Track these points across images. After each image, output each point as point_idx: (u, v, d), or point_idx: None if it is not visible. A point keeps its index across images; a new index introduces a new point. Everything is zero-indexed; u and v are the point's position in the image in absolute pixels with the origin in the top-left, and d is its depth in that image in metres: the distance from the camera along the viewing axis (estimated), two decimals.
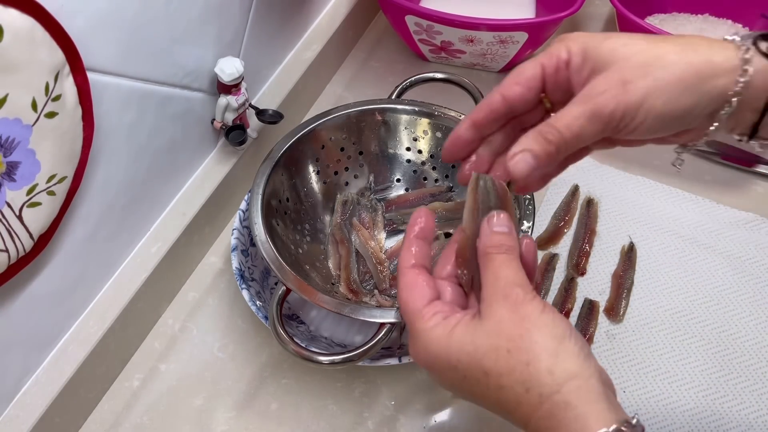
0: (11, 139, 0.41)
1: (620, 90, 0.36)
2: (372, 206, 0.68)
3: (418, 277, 0.39)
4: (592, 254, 0.68)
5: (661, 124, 0.37)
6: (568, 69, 0.39)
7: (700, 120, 0.38)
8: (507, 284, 0.35)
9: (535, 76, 0.40)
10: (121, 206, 0.58)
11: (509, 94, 0.40)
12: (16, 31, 0.39)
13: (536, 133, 0.37)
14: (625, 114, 0.36)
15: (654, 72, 0.36)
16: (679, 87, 0.36)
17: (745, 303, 0.64)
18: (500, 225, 0.38)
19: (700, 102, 0.37)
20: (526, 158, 0.37)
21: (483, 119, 0.41)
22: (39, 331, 0.54)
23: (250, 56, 0.68)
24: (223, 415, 0.60)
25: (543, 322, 0.34)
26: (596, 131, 0.37)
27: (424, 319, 0.37)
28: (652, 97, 0.36)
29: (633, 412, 0.58)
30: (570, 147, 0.38)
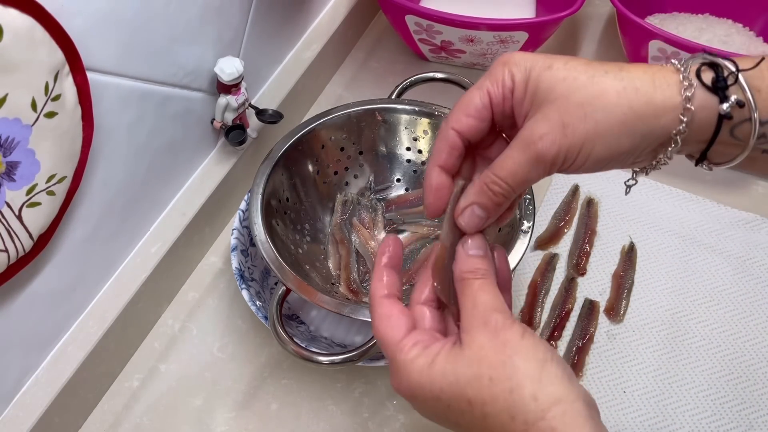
0: (11, 138, 0.41)
1: (560, 134, 0.35)
2: (372, 206, 0.68)
3: (393, 308, 0.38)
4: (593, 254, 0.68)
5: (603, 164, 0.37)
6: (513, 98, 0.38)
7: (644, 156, 0.37)
8: (485, 310, 0.35)
9: (485, 104, 0.39)
10: (121, 206, 0.58)
11: (462, 127, 0.39)
12: (16, 30, 0.39)
13: (481, 185, 0.37)
14: (567, 157, 0.36)
15: (593, 114, 0.35)
16: (619, 130, 0.35)
17: (745, 303, 0.64)
18: (475, 248, 0.38)
19: (641, 143, 0.36)
20: (475, 212, 0.37)
21: (447, 160, 0.40)
22: (39, 331, 0.54)
23: (249, 56, 0.68)
24: (222, 415, 0.59)
25: (524, 347, 0.34)
26: (540, 174, 0.37)
27: (404, 351, 0.36)
28: (592, 141, 0.35)
29: (632, 414, 0.58)
30: (517, 191, 0.37)
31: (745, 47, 0.80)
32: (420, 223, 0.67)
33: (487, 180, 0.37)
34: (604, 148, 0.36)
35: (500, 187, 0.37)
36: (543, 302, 0.65)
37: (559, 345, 0.62)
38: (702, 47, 0.71)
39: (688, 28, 0.82)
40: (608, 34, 0.92)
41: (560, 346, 0.62)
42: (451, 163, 0.39)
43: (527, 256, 0.68)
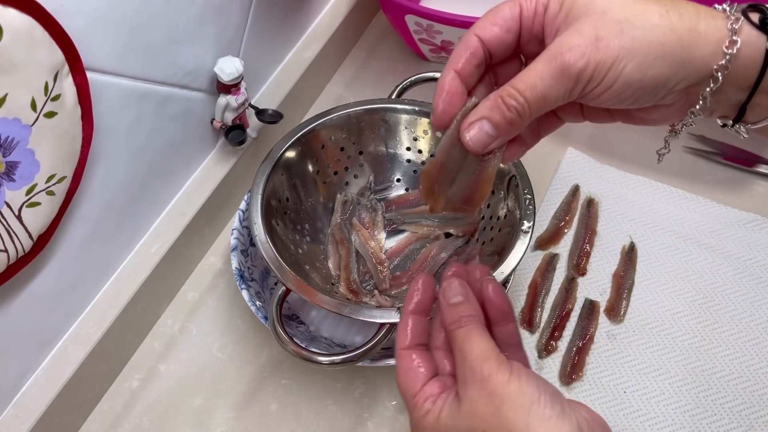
0: (10, 138, 0.41)
1: (592, 47, 0.33)
2: (372, 206, 0.68)
3: (412, 361, 0.38)
4: (593, 254, 0.68)
5: (630, 91, 0.34)
6: (545, 15, 0.35)
7: (675, 95, 0.35)
8: (473, 360, 0.35)
9: (513, 16, 0.36)
10: (121, 206, 0.57)
11: (486, 35, 0.36)
12: (16, 30, 0.39)
13: (496, 98, 0.34)
14: (594, 74, 0.33)
15: (631, 31, 0.33)
16: (656, 52, 0.33)
17: (746, 303, 0.64)
18: (454, 295, 0.38)
19: (677, 73, 0.33)
20: (483, 127, 0.35)
21: (465, 66, 0.36)
22: (38, 331, 0.54)
23: (249, 56, 0.68)
24: (222, 415, 0.59)
25: (509, 395, 0.34)
26: (563, 92, 0.34)
27: (417, 407, 0.37)
28: (625, 59, 0.33)
29: (632, 414, 0.58)
30: (534, 111, 0.34)
31: None
32: (420, 223, 0.67)
33: (504, 93, 0.34)
34: (637, 68, 0.33)
35: (516, 101, 0.34)
36: (543, 302, 0.65)
37: (559, 345, 0.62)
38: None
39: None
40: None
41: (560, 346, 0.62)
42: (468, 71, 0.37)
43: (527, 256, 0.68)
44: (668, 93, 0.34)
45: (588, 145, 0.77)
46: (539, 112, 0.34)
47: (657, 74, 0.33)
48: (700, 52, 0.33)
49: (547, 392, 0.34)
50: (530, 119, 0.35)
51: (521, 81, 0.34)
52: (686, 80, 0.34)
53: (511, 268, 0.54)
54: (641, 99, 0.34)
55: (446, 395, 0.36)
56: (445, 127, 0.37)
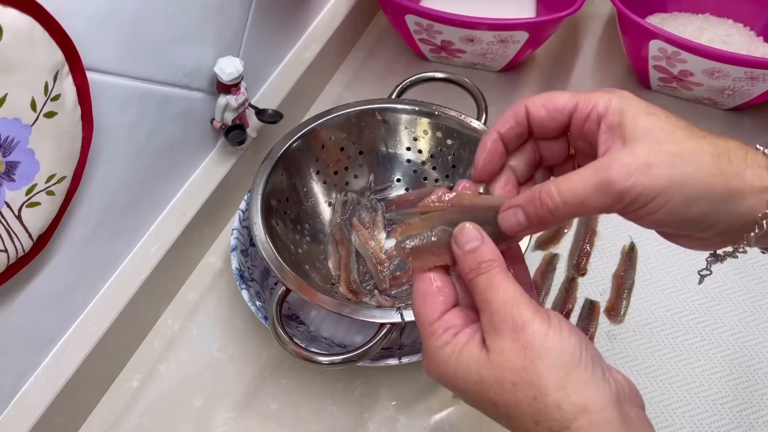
0: (10, 138, 0.41)
1: (642, 171, 0.33)
2: (372, 206, 0.68)
3: (432, 284, 0.36)
4: (593, 254, 0.68)
5: (672, 221, 0.34)
6: (598, 126, 0.36)
7: (713, 233, 0.35)
8: (501, 307, 0.33)
9: (565, 109, 0.37)
10: (121, 206, 0.57)
11: (533, 112, 0.37)
12: (16, 30, 0.39)
13: (534, 192, 0.35)
14: (639, 197, 0.33)
15: (683, 166, 0.33)
16: (704, 189, 0.33)
17: (746, 303, 0.64)
18: (468, 242, 0.36)
19: (719, 214, 0.34)
20: (517, 216, 0.35)
21: (507, 132, 0.38)
22: (38, 332, 0.54)
23: (249, 56, 0.68)
24: (222, 415, 0.59)
25: (547, 350, 0.32)
26: (601, 205, 0.34)
27: (435, 336, 0.35)
28: (673, 190, 0.33)
29: None
30: (568, 214, 0.35)
31: (746, 47, 0.80)
32: None
33: (543, 189, 0.35)
34: (682, 202, 0.33)
35: (552, 200, 0.34)
36: (543, 302, 0.65)
37: None
38: (704, 47, 0.71)
39: (688, 28, 0.82)
40: (608, 34, 0.92)
41: None
42: (510, 137, 0.38)
43: (527, 256, 0.68)
44: (707, 228, 0.35)
45: None
46: (573, 215, 0.35)
47: (701, 211, 0.34)
48: (745, 200, 0.34)
49: (589, 351, 0.32)
50: (564, 219, 0.35)
51: (563, 181, 0.34)
52: (728, 221, 0.35)
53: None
54: (681, 228, 0.35)
55: (470, 332, 0.34)
56: (484, 181, 0.40)
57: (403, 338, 0.61)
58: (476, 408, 0.35)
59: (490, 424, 0.58)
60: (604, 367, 0.33)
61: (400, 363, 0.55)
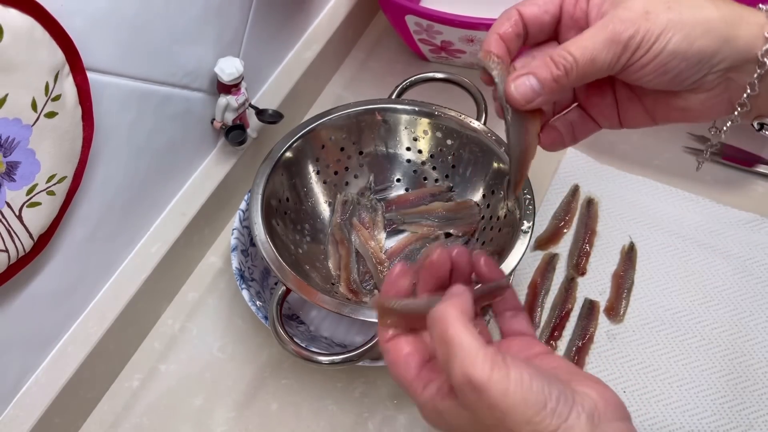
0: (11, 138, 0.41)
1: (642, 17, 0.35)
2: (372, 206, 0.68)
3: (399, 351, 0.37)
4: (593, 254, 0.68)
5: (675, 62, 0.35)
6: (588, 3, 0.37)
7: (716, 76, 0.36)
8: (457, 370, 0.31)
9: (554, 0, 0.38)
10: (121, 206, 0.58)
11: (526, 11, 0.39)
12: (16, 30, 0.39)
13: (545, 57, 0.36)
14: (642, 42, 0.35)
15: (678, 7, 0.35)
16: (702, 26, 0.35)
17: (745, 303, 0.64)
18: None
19: (721, 49, 0.35)
20: (529, 81, 0.36)
21: (506, 32, 0.39)
22: (39, 331, 0.54)
23: (250, 56, 0.68)
24: (222, 415, 0.59)
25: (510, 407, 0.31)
26: (611, 58, 0.35)
27: (417, 394, 0.36)
28: (672, 29, 0.35)
29: (632, 414, 0.58)
30: (581, 72, 0.36)
31: None
32: (420, 223, 0.67)
33: (555, 52, 0.36)
34: (684, 39, 0.35)
35: (565, 59, 0.35)
36: (543, 302, 0.65)
37: (558, 345, 0.62)
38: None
39: None
40: None
41: (560, 346, 0.62)
42: (510, 37, 0.39)
43: (527, 256, 0.68)
44: (710, 71, 0.36)
45: (588, 145, 0.77)
46: (585, 76, 0.36)
47: (703, 47, 0.35)
48: (743, 33, 0.35)
49: (552, 394, 0.31)
50: (575, 81, 0.36)
51: (572, 43, 0.36)
52: (729, 59, 0.36)
53: (510, 268, 0.54)
54: (683, 73, 0.36)
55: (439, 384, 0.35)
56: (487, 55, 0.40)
57: None
58: None
59: None
60: (574, 393, 0.32)
61: None
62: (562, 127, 0.43)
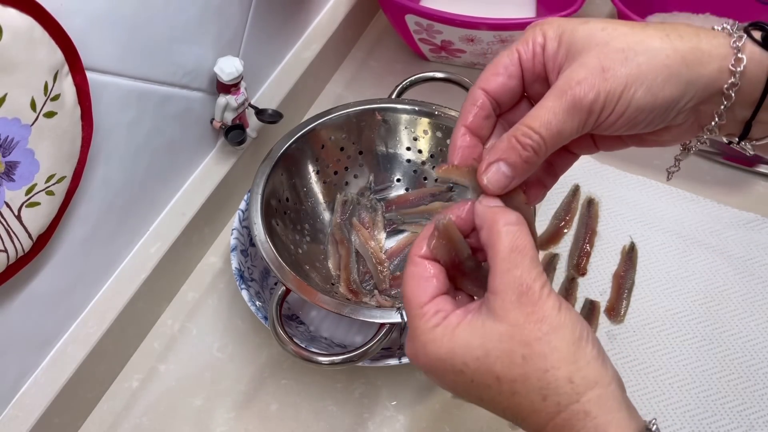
0: (10, 138, 0.41)
1: (599, 78, 0.33)
2: (372, 206, 0.68)
3: (425, 268, 0.35)
4: (593, 254, 0.68)
5: (643, 115, 0.34)
6: (544, 55, 0.36)
7: (685, 114, 0.35)
8: (523, 278, 0.32)
9: (513, 62, 0.37)
10: (120, 206, 0.57)
11: (490, 86, 0.37)
12: (15, 30, 0.39)
13: (510, 139, 0.34)
14: (605, 105, 0.33)
15: (635, 58, 0.33)
16: (663, 74, 0.33)
17: (746, 303, 0.64)
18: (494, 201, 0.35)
19: (686, 92, 0.34)
20: (501, 169, 0.34)
21: (474, 121, 0.37)
22: (38, 332, 0.54)
23: (249, 56, 0.68)
24: (222, 415, 0.59)
25: (560, 324, 0.32)
26: (577, 126, 0.34)
27: (425, 318, 0.34)
28: (633, 85, 0.33)
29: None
30: (550, 148, 0.34)
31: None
32: (420, 223, 0.67)
33: (518, 132, 0.34)
34: (647, 93, 0.33)
35: (531, 139, 0.34)
36: None
37: None
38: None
39: None
40: None
41: None
42: (478, 124, 0.37)
43: None
44: (679, 113, 0.35)
45: None
46: (554, 148, 0.35)
47: (667, 95, 0.34)
48: (705, 70, 0.34)
49: (592, 334, 0.33)
50: (545, 156, 0.35)
51: (534, 119, 0.34)
52: (695, 98, 0.34)
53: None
54: (654, 121, 0.35)
55: (462, 313, 0.33)
56: None
57: (403, 338, 0.61)
58: (468, 392, 0.34)
59: (490, 424, 0.58)
60: (605, 354, 0.33)
61: (400, 363, 0.55)
62: (541, 171, 0.41)
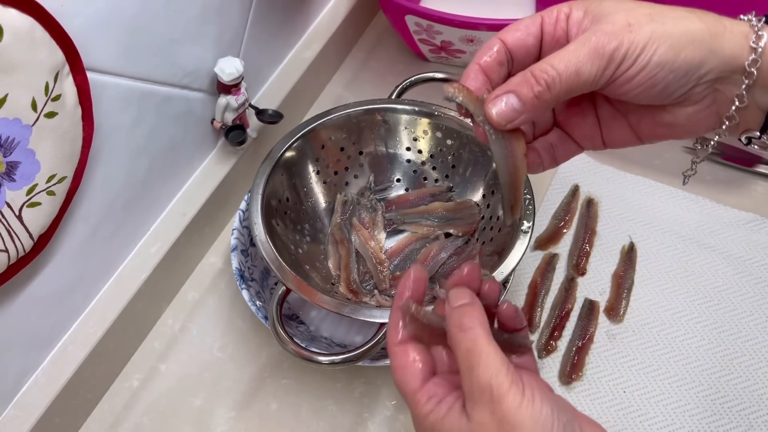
0: (11, 138, 0.41)
1: (625, 30, 0.34)
2: (372, 206, 0.68)
3: (407, 356, 0.36)
4: (593, 254, 0.68)
5: (663, 73, 0.34)
6: (568, 21, 0.36)
7: (704, 87, 0.35)
8: (481, 377, 0.33)
9: (535, 23, 0.37)
10: (121, 206, 0.58)
11: (508, 38, 0.37)
12: (16, 30, 0.39)
13: (525, 73, 0.34)
14: (627, 54, 0.34)
15: (661, 19, 0.34)
16: (686, 37, 0.34)
17: (745, 303, 0.64)
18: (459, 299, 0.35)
19: (707, 59, 0.34)
20: (510, 101, 0.34)
21: (487, 62, 0.37)
22: (39, 331, 0.54)
23: (250, 56, 0.68)
24: (222, 415, 0.59)
25: (520, 423, 0.32)
26: (595, 72, 0.34)
27: (419, 405, 0.35)
28: (657, 40, 0.34)
29: (632, 414, 0.58)
30: (564, 87, 0.34)
31: None
32: (420, 223, 0.67)
33: (534, 68, 0.34)
34: (669, 49, 0.34)
35: (547, 73, 0.34)
36: (543, 302, 0.65)
37: (558, 345, 0.62)
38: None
39: None
40: None
41: (560, 346, 0.62)
42: (491, 66, 0.37)
43: (527, 256, 0.68)
44: (698, 83, 0.35)
45: None
46: (569, 90, 0.34)
47: (689, 57, 0.34)
48: (728, 42, 0.34)
49: (561, 420, 0.32)
50: (559, 96, 0.34)
51: (554, 56, 0.34)
52: (716, 70, 0.35)
53: (510, 268, 0.54)
54: (671, 86, 0.35)
55: (452, 400, 0.35)
56: None
57: None
58: None
59: None
60: (581, 428, 0.33)
61: None
62: (541, 149, 0.41)
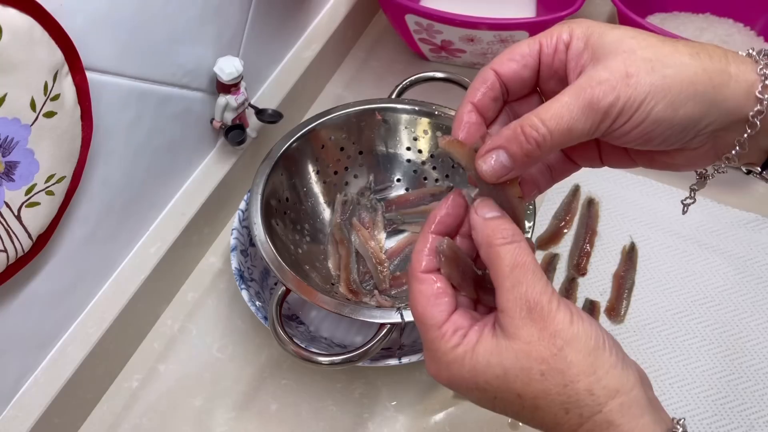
0: (10, 138, 0.41)
1: (622, 82, 0.32)
2: (372, 206, 0.68)
3: (432, 284, 0.34)
4: (593, 254, 0.68)
5: (660, 130, 0.33)
6: (567, 53, 0.35)
7: (703, 138, 0.34)
8: (528, 293, 0.32)
9: (532, 52, 0.35)
10: (120, 206, 0.57)
11: (502, 70, 0.35)
12: (15, 30, 0.39)
13: (515, 128, 0.33)
14: (624, 110, 0.32)
15: (662, 69, 0.32)
16: (688, 91, 0.32)
17: (746, 303, 0.64)
18: (490, 210, 0.34)
19: (708, 114, 0.33)
20: (500, 158, 0.33)
21: (481, 99, 0.36)
22: (38, 332, 0.54)
23: (249, 55, 0.68)
24: (222, 415, 0.59)
25: (574, 337, 0.31)
26: (589, 127, 0.32)
27: (445, 338, 0.33)
28: (655, 96, 0.32)
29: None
30: (556, 143, 0.33)
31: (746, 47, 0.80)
32: (420, 223, 0.67)
33: (525, 122, 0.33)
34: (668, 106, 0.32)
35: (538, 131, 0.32)
36: None
37: None
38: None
39: (689, 28, 0.82)
40: None
41: None
42: (485, 104, 0.36)
43: None
44: (697, 135, 0.34)
45: None
46: (560, 145, 0.33)
47: (688, 113, 0.33)
48: (732, 94, 0.33)
49: (609, 337, 0.32)
50: (549, 152, 0.33)
51: (546, 111, 0.32)
52: (717, 123, 0.33)
53: None
54: (669, 139, 0.34)
55: (478, 329, 0.33)
56: None
57: (403, 338, 0.61)
58: (494, 407, 0.34)
59: (490, 423, 0.58)
60: (623, 352, 0.33)
61: (400, 363, 0.55)
62: (538, 173, 0.40)
